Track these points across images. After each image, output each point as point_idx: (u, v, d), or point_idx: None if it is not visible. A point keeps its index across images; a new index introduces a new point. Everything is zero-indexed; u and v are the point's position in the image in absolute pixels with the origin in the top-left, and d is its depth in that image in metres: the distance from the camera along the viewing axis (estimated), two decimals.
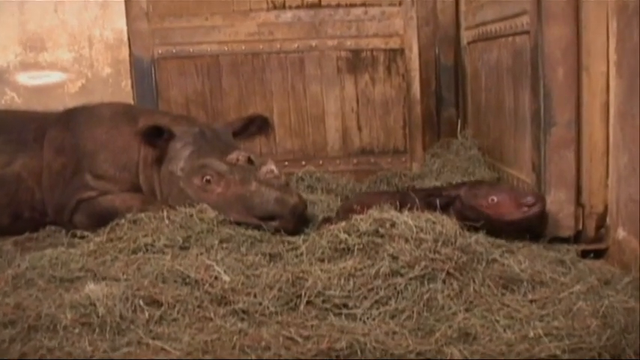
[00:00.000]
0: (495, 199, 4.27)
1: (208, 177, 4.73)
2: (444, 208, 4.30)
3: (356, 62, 6.56)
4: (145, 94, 6.40)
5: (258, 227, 4.52)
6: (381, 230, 3.73)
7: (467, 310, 3.37)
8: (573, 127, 4.33)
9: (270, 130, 5.49)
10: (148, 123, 4.96)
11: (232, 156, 4.78)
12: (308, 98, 6.58)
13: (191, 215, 4.42)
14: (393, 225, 3.74)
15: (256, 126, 5.41)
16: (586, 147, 4.33)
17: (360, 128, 6.64)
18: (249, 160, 4.80)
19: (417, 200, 4.34)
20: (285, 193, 4.61)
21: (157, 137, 4.89)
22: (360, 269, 3.55)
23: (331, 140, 6.62)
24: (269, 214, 4.54)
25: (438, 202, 4.34)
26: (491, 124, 5.74)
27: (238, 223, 4.51)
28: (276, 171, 4.69)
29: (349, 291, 3.44)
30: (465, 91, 6.49)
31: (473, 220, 4.18)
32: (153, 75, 6.42)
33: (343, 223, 3.91)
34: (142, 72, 6.40)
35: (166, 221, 4.38)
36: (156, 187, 5.01)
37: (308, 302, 3.41)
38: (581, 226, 4.38)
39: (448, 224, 3.74)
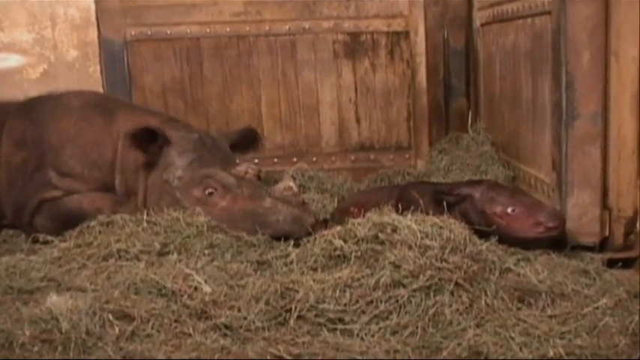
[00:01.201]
0: (514, 210, 4.27)
1: (211, 189, 4.74)
2: (449, 208, 4.32)
3: (354, 46, 6.55)
4: (116, 81, 6.37)
5: None
6: (382, 236, 3.72)
7: (478, 325, 3.36)
8: (599, 121, 4.33)
9: (260, 146, 5.59)
10: (138, 123, 4.96)
11: (241, 168, 4.82)
12: (300, 87, 6.57)
13: (178, 219, 4.42)
14: (394, 230, 3.74)
15: (247, 140, 5.49)
16: (613, 143, 4.33)
17: (358, 121, 6.63)
18: (258, 176, 4.87)
19: (417, 196, 4.37)
20: (303, 212, 4.66)
21: (148, 141, 4.88)
22: (358, 279, 3.55)
23: (326, 134, 6.61)
24: (284, 234, 4.56)
25: (446, 200, 4.37)
26: (506, 116, 5.73)
27: None
28: (295, 188, 4.77)
29: (345, 304, 3.44)
30: (477, 80, 6.48)
31: (477, 225, 4.20)
32: (125, 60, 6.39)
33: (338, 228, 3.90)
34: (113, 56, 6.37)
35: (144, 224, 4.38)
36: (139, 194, 4.99)
37: (299, 316, 3.40)
38: (607, 232, 4.40)
39: (457, 229, 3.73)
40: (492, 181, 4.79)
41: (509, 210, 4.27)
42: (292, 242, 4.35)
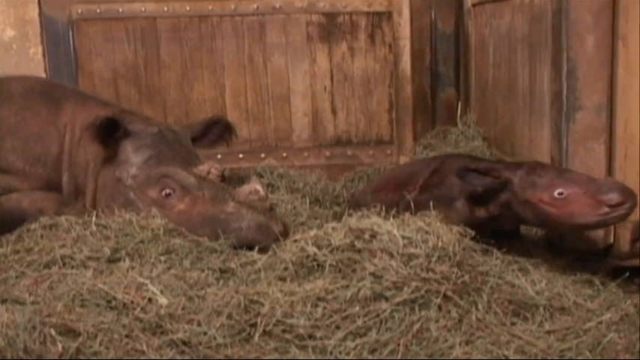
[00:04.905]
0: (564, 192, 3.98)
1: (169, 190, 4.72)
2: (487, 198, 4.19)
3: (330, 28, 6.55)
4: (60, 65, 6.35)
5: None
6: (358, 244, 3.71)
7: (467, 342, 3.36)
8: (604, 113, 4.36)
9: (233, 138, 5.51)
10: (88, 115, 4.93)
11: (203, 167, 4.80)
12: (269, 73, 6.56)
13: (130, 221, 4.40)
14: (373, 236, 3.73)
15: (217, 132, 5.44)
16: (620, 138, 4.35)
17: (334, 112, 6.63)
18: (222, 177, 4.84)
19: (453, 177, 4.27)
20: (270, 219, 4.65)
21: (107, 134, 4.85)
22: (332, 291, 3.54)
23: (298, 127, 6.61)
24: (248, 242, 4.55)
25: (479, 184, 4.18)
26: (499, 108, 5.76)
27: None
28: (262, 192, 4.73)
29: (317, 319, 3.43)
30: (467, 67, 6.51)
31: (526, 220, 4.13)
32: (70, 41, 6.36)
33: (313, 233, 3.89)
34: (56, 37, 6.34)
35: (93, 227, 4.36)
36: (88, 193, 4.98)
37: (265, 332, 3.39)
38: (612, 239, 4.42)
39: (445, 234, 3.73)
40: (534, 162, 4.30)
41: (556, 193, 3.97)
42: (257, 250, 4.35)
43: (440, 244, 3.66)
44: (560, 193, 3.96)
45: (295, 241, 3.92)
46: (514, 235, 4.47)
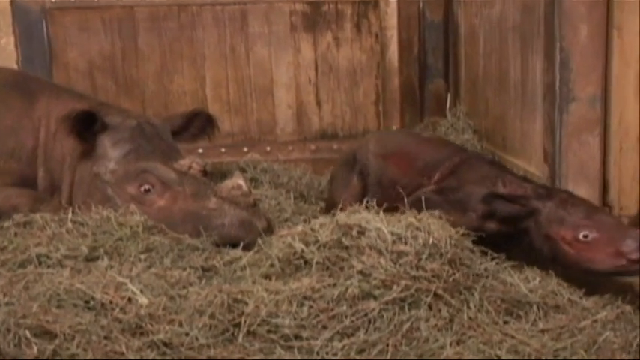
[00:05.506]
0: (589, 235, 3.91)
1: (148, 186, 4.71)
2: (508, 221, 4.13)
3: (315, 18, 6.55)
4: (33, 56, 6.33)
5: None
6: (346, 241, 3.71)
7: (458, 342, 3.37)
8: (598, 105, 4.37)
9: (215, 132, 5.49)
10: (64, 108, 4.90)
11: (184, 162, 4.79)
12: (252, 64, 6.56)
13: (109, 218, 4.39)
14: (362, 233, 3.73)
15: (198, 125, 5.42)
16: (614, 131, 4.37)
17: (319, 104, 6.63)
18: (204, 172, 4.83)
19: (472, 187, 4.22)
20: (253, 216, 4.64)
21: (84, 127, 4.83)
22: (319, 290, 3.53)
23: (282, 120, 6.61)
24: (230, 240, 4.55)
25: (505, 211, 4.09)
26: (490, 100, 5.77)
27: None
28: (244, 187, 4.72)
29: (303, 318, 3.43)
30: (457, 57, 6.52)
31: (538, 250, 4.04)
32: (44, 31, 6.34)
33: (300, 229, 3.88)
34: (29, 26, 6.32)
35: (69, 225, 4.34)
36: (64, 189, 4.96)
37: (249, 332, 3.39)
38: None
39: (436, 230, 3.73)
40: (566, 195, 4.19)
41: (581, 235, 3.90)
42: (241, 247, 4.35)
43: (431, 240, 3.66)
44: (585, 236, 3.90)
45: (281, 236, 3.92)
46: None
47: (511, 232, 4.14)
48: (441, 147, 4.88)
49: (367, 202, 4.08)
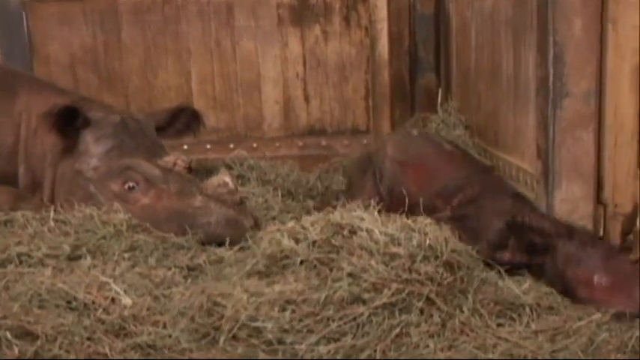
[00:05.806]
0: (605, 280, 3.93)
1: (132, 183, 4.71)
2: (529, 252, 4.14)
3: (303, 11, 6.54)
4: (12, 49, 6.30)
5: None
6: (335, 241, 3.69)
7: (450, 347, 3.36)
8: (593, 100, 4.37)
9: (200, 128, 5.48)
10: (45, 103, 4.89)
11: (168, 159, 4.79)
12: (238, 59, 6.54)
13: (91, 216, 4.38)
14: (353, 232, 3.71)
15: (183, 121, 5.41)
16: (609, 126, 4.37)
17: (307, 99, 6.62)
18: (189, 168, 4.82)
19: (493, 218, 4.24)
20: (240, 214, 4.66)
21: (66, 123, 4.81)
22: (304, 292, 3.52)
23: (269, 115, 6.60)
24: (216, 238, 4.56)
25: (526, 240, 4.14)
26: (482, 95, 5.77)
27: None
28: (231, 185, 4.74)
29: (286, 322, 3.41)
30: (448, 51, 6.52)
31: (550, 281, 4.03)
32: (24, 23, 6.31)
33: (289, 225, 3.86)
34: (8, 19, 6.29)
35: (51, 223, 4.33)
36: (46, 187, 4.96)
37: (233, 336, 3.38)
38: (602, 231, 4.45)
39: (431, 232, 3.71)
40: (587, 235, 4.23)
41: (596, 278, 3.94)
42: (227, 245, 4.37)
43: (425, 242, 3.65)
44: (600, 280, 3.93)
45: (270, 232, 3.90)
46: None
47: (523, 265, 4.17)
48: (464, 166, 4.85)
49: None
